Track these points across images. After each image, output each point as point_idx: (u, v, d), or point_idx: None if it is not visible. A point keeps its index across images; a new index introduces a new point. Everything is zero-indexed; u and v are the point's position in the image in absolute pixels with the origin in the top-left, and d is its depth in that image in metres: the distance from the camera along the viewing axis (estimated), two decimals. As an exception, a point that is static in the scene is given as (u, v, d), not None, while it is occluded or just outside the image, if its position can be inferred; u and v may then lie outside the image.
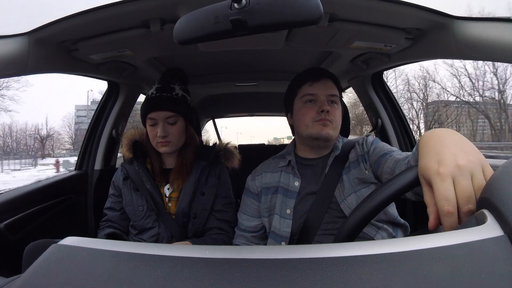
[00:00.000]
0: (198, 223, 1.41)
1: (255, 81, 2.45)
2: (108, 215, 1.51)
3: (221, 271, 0.40)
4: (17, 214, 1.48)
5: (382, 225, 1.16)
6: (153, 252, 0.45)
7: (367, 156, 1.24)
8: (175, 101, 1.39)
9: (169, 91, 1.39)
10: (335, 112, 1.26)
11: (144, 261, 0.43)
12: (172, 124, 1.39)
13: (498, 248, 0.36)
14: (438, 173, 0.53)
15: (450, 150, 0.56)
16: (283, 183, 1.31)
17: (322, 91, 1.26)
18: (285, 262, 0.40)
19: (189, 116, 1.45)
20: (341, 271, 0.37)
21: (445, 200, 0.50)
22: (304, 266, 0.38)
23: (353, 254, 0.39)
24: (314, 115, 1.24)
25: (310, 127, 1.24)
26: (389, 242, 0.41)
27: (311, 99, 1.26)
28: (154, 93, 1.39)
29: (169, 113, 1.37)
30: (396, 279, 0.35)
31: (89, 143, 2.09)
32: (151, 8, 1.11)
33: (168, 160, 1.50)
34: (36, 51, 1.17)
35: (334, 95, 1.28)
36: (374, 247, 0.40)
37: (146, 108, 1.39)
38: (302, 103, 1.28)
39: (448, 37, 1.11)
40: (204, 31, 0.64)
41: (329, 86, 1.28)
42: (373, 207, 0.62)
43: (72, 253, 0.48)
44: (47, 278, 0.42)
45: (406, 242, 0.40)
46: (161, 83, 1.42)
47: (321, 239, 1.18)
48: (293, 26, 0.60)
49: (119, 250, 0.47)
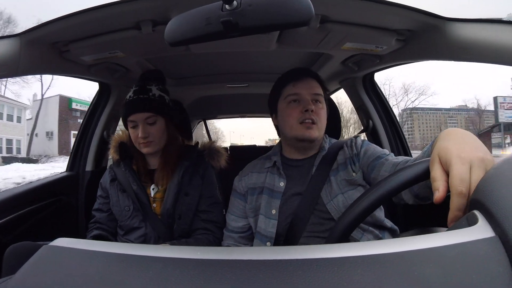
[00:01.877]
0: (183, 224, 1.42)
1: (246, 83, 2.45)
2: (97, 217, 1.52)
3: (212, 272, 0.40)
4: (7, 216, 1.47)
5: (367, 227, 1.16)
6: (145, 253, 0.45)
7: (356, 158, 1.23)
8: (152, 101, 1.39)
9: (145, 93, 1.40)
10: (320, 112, 1.26)
11: (136, 262, 0.43)
12: (152, 124, 1.40)
13: (490, 249, 0.36)
14: (459, 156, 0.54)
15: (471, 143, 0.58)
16: (268, 184, 1.31)
17: (306, 90, 1.26)
18: (276, 263, 0.40)
19: (168, 115, 1.46)
20: (332, 272, 0.37)
21: (461, 181, 0.50)
22: (296, 267, 0.38)
23: (344, 255, 0.39)
24: (298, 115, 1.23)
25: (295, 129, 1.24)
26: (380, 243, 0.41)
27: (295, 99, 1.26)
28: (131, 96, 1.40)
29: (147, 113, 1.38)
30: (388, 280, 0.35)
31: (80, 145, 2.08)
32: (142, 10, 1.10)
33: (152, 160, 1.51)
34: (28, 52, 1.16)
35: (318, 94, 1.28)
36: (365, 248, 0.40)
37: (125, 111, 1.41)
38: (286, 103, 1.28)
39: (439, 38, 1.12)
40: (196, 33, 0.63)
41: (313, 85, 1.28)
42: (383, 195, 0.62)
43: (63, 254, 0.47)
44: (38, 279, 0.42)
45: (397, 243, 0.40)
46: (138, 86, 1.43)
47: (306, 241, 1.17)
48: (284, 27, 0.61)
49: (110, 251, 0.46)
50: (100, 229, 1.48)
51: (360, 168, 1.21)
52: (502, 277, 0.33)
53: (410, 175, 0.62)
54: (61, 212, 1.87)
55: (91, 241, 0.52)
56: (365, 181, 1.19)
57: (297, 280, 0.36)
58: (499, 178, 0.44)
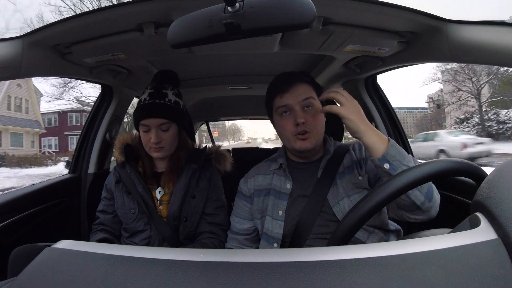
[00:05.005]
0: (189, 227, 1.41)
1: (248, 85, 2.45)
2: (101, 218, 1.51)
3: (214, 274, 0.40)
4: (9, 218, 1.47)
5: (373, 230, 1.16)
6: (147, 256, 0.45)
7: (364, 162, 1.23)
8: (168, 108, 1.38)
9: (162, 98, 1.38)
10: (313, 118, 1.22)
11: (138, 264, 0.43)
12: (165, 131, 1.39)
13: (492, 251, 0.36)
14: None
15: None
16: (275, 185, 1.31)
17: (294, 99, 1.22)
18: (278, 266, 0.40)
19: (181, 122, 1.45)
20: (335, 275, 0.37)
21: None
22: (297, 270, 0.38)
23: (346, 257, 0.39)
24: (292, 128, 1.21)
25: (292, 142, 1.23)
26: (383, 245, 0.41)
27: (285, 110, 1.24)
28: (147, 99, 1.38)
29: (162, 120, 1.37)
30: (390, 283, 0.35)
31: (82, 147, 2.08)
32: (145, 12, 1.10)
33: (160, 163, 1.51)
34: (30, 54, 1.16)
35: (308, 98, 1.22)
36: (367, 250, 0.40)
37: (139, 115, 1.39)
38: (279, 115, 1.26)
39: (441, 40, 1.12)
40: (198, 35, 0.63)
41: (300, 91, 1.23)
42: (369, 209, 0.63)
43: (65, 256, 0.48)
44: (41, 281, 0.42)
45: (400, 245, 0.40)
46: (154, 88, 1.41)
47: (312, 243, 1.17)
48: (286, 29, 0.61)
49: (112, 253, 0.47)
50: (104, 231, 1.47)
51: (366, 173, 1.20)
52: (505, 279, 0.33)
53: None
54: (64, 214, 1.88)
55: (93, 243, 0.52)
56: (370, 186, 1.19)
57: (299, 282, 0.36)
58: (501, 181, 0.44)
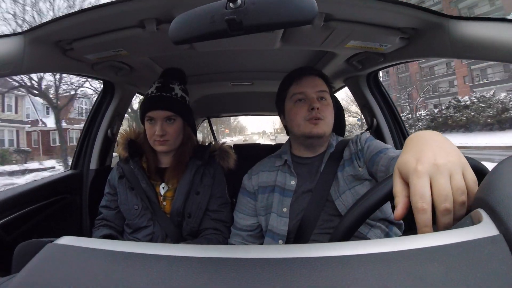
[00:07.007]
0: (192, 223, 1.42)
1: (250, 81, 2.45)
2: (103, 214, 1.52)
3: (217, 270, 0.40)
4: (12, 214, 1.48)
5: (375, 223, 1.16)
6: (149, 252, 0.45)
7: (361, 153, 1.24)
8: (174, 101, 1.40)
9: (168, 91, 1.40)
10: (326, 108, 1.27)
11: (140, 261, 0.43)
12: (170, 124, 1.40)
13: (494, 248, 0.36)
14: (416, 170, 0.52)
15: (431, 149, 0.56)
16: (279, 182, 1.31)
17: (310, 88, 1.27)
18: (280, 262, 0.40)
19: (187, 116, 1.46)
20: (337, 271, 0.37)
21: (419, 197, 0.50)
22: (300, 266, 0.38)
23: (348, 253, 0.39)
24: (305, 113, 1.25)
25: (303, 126, 1.25)
26: (384, 241, 0.41)
27: (300, 97, 1.28)
28: (154, 92, 1.40)
29: (168, 112, 1.38)
30: (392, 279, 0.35)
31: (84, 143, 2.09)
32: (146, 8, 1.10)
33: (164, 159, 1.51)
34: (32, 50, 1.16)
35: (323, 91, 1.29)
36: (369, 246, 0.40)
37: (145, 106, 1.40)
38: (293, 102, 1.30)
39: (443, 36, 1.11)
40: (200, 31, 0.63)
41: (317, 82, 1.30)
42: (370, 206, 0.63)
43: (67, 252, 0.48)
44: (42, 277, 0.42)
45: (401, 241, 0.40)
46: (161, 82, 1.43)
47: (317, 238, 1.18)
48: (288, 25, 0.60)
49: (114, 249, 0.47)
50: (107, 227, 1.48)
51: (365, 163, 1.21)
52: (507, 275, 0.33)
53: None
54: (66, 210, 1.88)
55: (95, 239, 0.52)
56: (370, 176, 1.19)
57: (301, 278, 0.37)
58: (504, 177, 0.44)
